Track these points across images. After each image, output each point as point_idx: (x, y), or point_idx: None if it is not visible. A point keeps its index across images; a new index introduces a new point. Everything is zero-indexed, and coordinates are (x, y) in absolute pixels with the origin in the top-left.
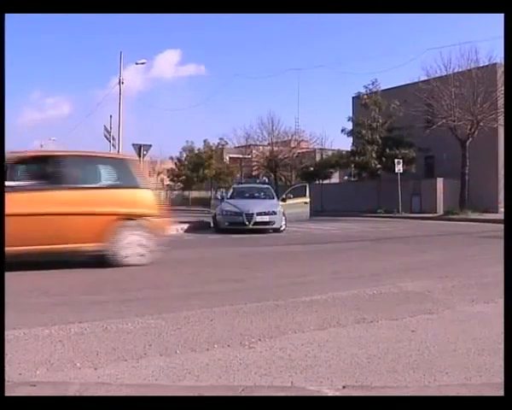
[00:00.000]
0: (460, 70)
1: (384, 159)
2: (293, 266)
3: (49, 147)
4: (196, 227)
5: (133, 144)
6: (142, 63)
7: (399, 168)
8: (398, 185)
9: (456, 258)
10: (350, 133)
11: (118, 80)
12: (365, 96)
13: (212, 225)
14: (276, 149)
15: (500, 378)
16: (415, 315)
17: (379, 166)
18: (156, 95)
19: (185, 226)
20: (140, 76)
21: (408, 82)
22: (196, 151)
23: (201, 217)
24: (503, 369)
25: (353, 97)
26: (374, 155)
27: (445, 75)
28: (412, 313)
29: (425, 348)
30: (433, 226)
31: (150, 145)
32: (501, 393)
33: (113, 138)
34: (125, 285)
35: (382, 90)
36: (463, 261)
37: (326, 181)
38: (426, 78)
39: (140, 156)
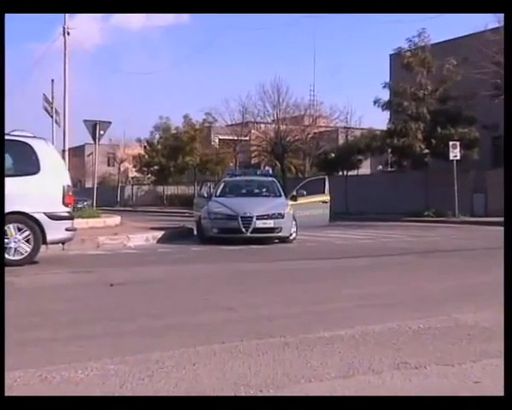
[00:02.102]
0: None
1: (434, 141)
2: (306, 288)
3: None
4: (174, 236)
5: (85, 121)
6: None
7: (456, 154)
8: (454, 178)
9: None
10: (386, 106)
11: (62, 30)
12: (408, 54)
13: (195, 232)
14: (283, 127)
15: None
16: (478, 359)
17: (426, 150)
18: (119, 52)
19: (158, 234)
20: (96, 25)
21: (469, 32)
22: (174, 131)
23: (181, 221)
24: None
25: (391, 55)
26: (419, 136)
27: None
28: (475, 357)
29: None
30: (502, 235)
31: (109, 123)
32: (501, 393)
33: (57, 112)
34: (76, 315)
35: (432, 45)
36: None
37: (353, 172)
38: (496, 25)
39: (95, 138)
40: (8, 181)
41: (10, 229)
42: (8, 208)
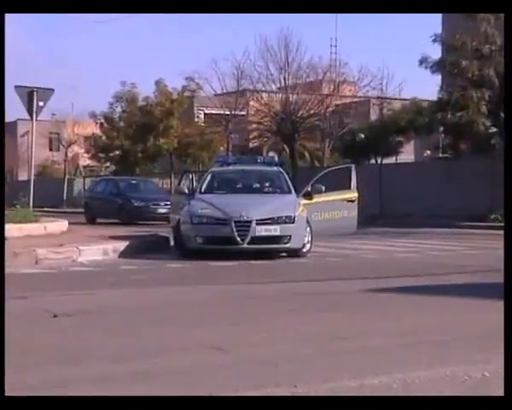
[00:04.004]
0: None
1: (504, 116)
2: (325, 320)
3: None
4: (143, 247)
5: (17, 87)
6: None
7: None
8: None
9: None
10: (437, 67)
11: None
12: None
13: (172, 242)
14: (294, 98)
15: None
16: None
17: (493, 129)
18: None
19: (121, 246)
20: None
21: None
22: (142, 102)
23: (153, 227)
24: None
25: None
26: (484, 109)
27: None
28: None
29: None
30: None
31: (51, 90)
32: (501, 393)
33: None
34: (6, 357)
35: None
36: None
37: (390, 159)
38: None
39: (31, 111)
40: None
41: None
42: None
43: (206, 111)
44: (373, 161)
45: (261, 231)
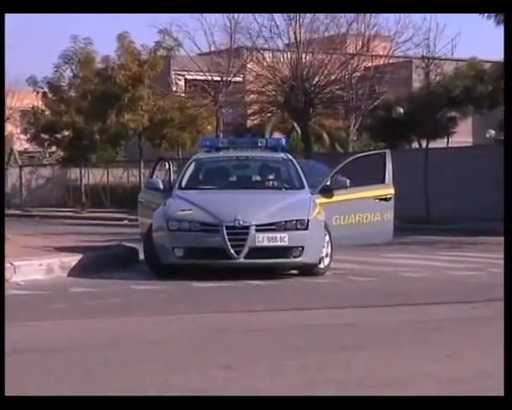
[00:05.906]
0: None
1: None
2: (352, 361)
3: None
4: (101, 262)
5: None
6: None
7: None
8: None
9: None
10: (503, 16)
11: None
12: None
13: (142, 255)
14: (307, 58)
15: None
16: None
17: None
18: None
19: (72, 260)
20: None
21: None
22: (100, 65)
23: (115, 236)
24: None
25: None
26: None
27: None
28: None
29: None
30: None
31: None
32: (501, 393)
33: None
34: None
35: None
36: None
37: (439, 142)
38: None
39: None
40: None
41: None
42: None
43: (188, 77)
44: (416, 144)
45: (263, 240)
